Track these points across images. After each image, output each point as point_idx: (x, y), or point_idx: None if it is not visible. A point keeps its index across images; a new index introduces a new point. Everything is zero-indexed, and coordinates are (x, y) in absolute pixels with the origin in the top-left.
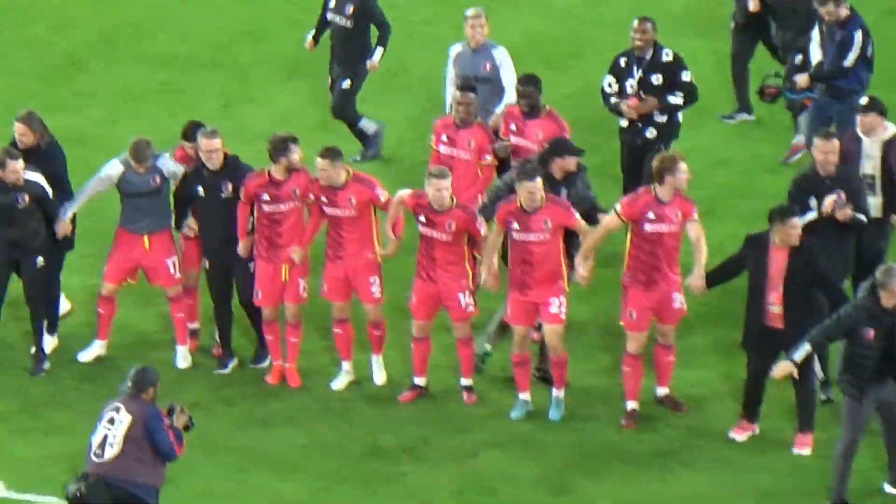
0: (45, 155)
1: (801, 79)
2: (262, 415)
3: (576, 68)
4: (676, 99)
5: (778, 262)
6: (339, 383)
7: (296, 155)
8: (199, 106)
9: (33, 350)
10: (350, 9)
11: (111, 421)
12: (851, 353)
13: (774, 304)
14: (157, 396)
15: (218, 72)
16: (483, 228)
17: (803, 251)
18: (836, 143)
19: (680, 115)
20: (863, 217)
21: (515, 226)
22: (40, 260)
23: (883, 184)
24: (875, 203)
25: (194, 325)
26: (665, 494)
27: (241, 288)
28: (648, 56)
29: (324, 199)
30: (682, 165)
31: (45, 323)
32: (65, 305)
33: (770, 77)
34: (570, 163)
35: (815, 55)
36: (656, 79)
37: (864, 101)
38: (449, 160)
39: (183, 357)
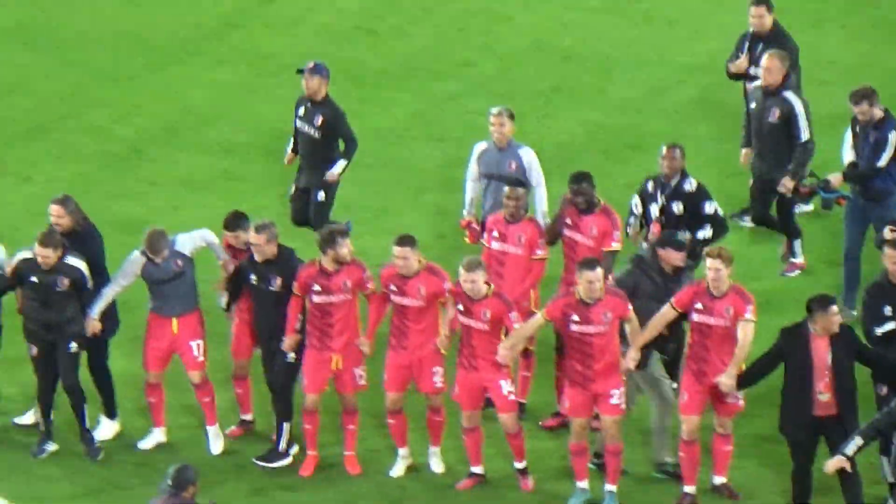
0: (81, 238)
1: (835, 178)
2: (321, 501)
3: (634, 159)
4: (705, 232)
5: (821, 351)
6: (398, 470)
7: (345, 249)
8: (260, 194)
9: (81, 434)
10: (319, 120)
11: None
12: None
13: (824, 393)
14: (197, 492)
15: (278, 161)
16: (518, 321)
17: (843, 335)
18: None
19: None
20: None
21: (575, 318)
22: (74, 346)
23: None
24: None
25: (248, 416)
26: None
27: (278, 374)
28: (673, 183)
29: (393, 287)
30: (711, 262)
31: (104, 409)
32: None
33: (808, 176)
34: (673, 256)
35: (848, 156)
36: (677, 207)
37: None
38: (501, 255)
39: (214, 438)
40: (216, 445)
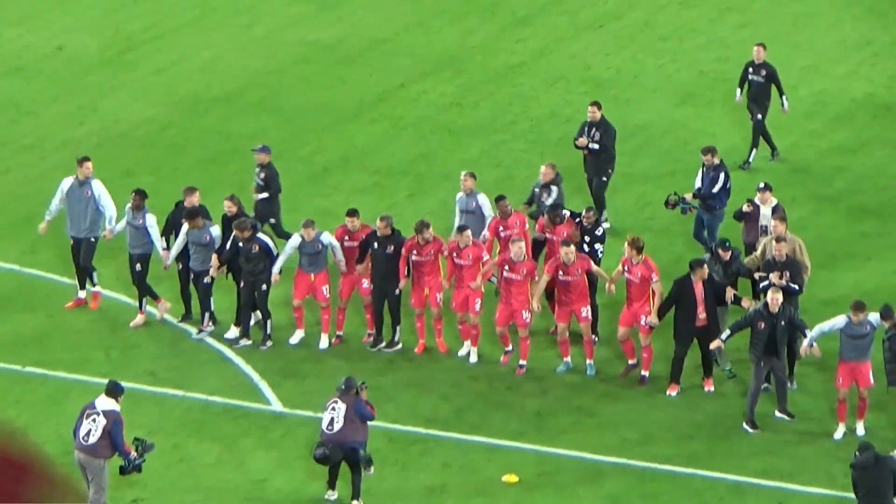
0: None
1: (689, 196)
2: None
3: None
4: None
5: (698, 290)
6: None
7: (428, 233)
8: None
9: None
10: (262, 176)
11: (333, 408)
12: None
13: (700, 314)
14: (362, 391)
15: None
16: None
17: (709, 280)
18: None
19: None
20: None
21: (560, 273)
22: (264, 286)
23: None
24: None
25: (341, 333)
26: None
27: (391, 301)
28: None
29: (455, 253)
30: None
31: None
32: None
33: (671, 195)
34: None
35: (697, 184)
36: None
37: (762, 184)
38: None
39: (325, 340)
40: (324, 343)
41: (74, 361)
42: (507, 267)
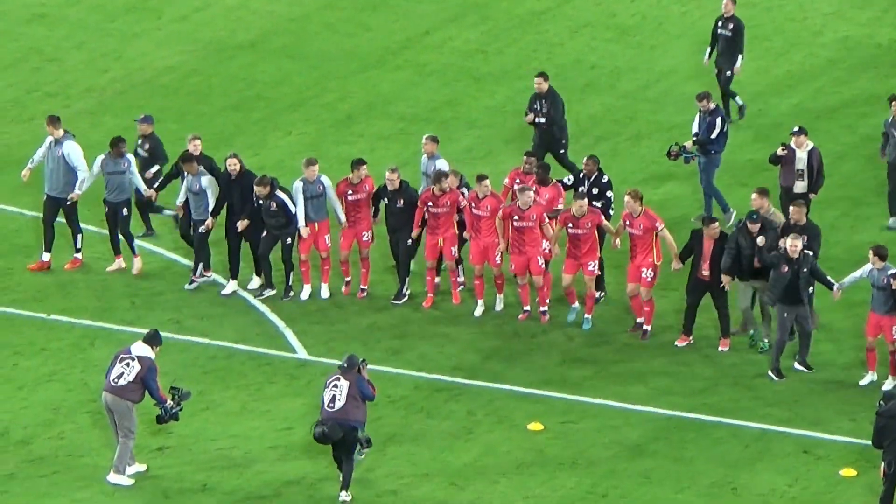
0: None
1: (688, 145)
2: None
3: None
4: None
5: (707, 246)
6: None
7: (446, 183)
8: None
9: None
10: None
11: (335, 386)
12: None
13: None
14: (364, 368)
15: None
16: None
17: (720, 237)
18: None
19: None
20: None
21: (570, 225)
22: (289, 239)
23: (808, 174)
24: (802, 185)
25: (348, 278)
26: None
27: (403, 249)
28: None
29: (473, 204)
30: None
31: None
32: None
33: (672, 145)
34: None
35: (694, 129)
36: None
37: (796, 128)
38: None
39: (325, 291)
40: (325, 293)
41: (99, 309)
42: (516, 217)
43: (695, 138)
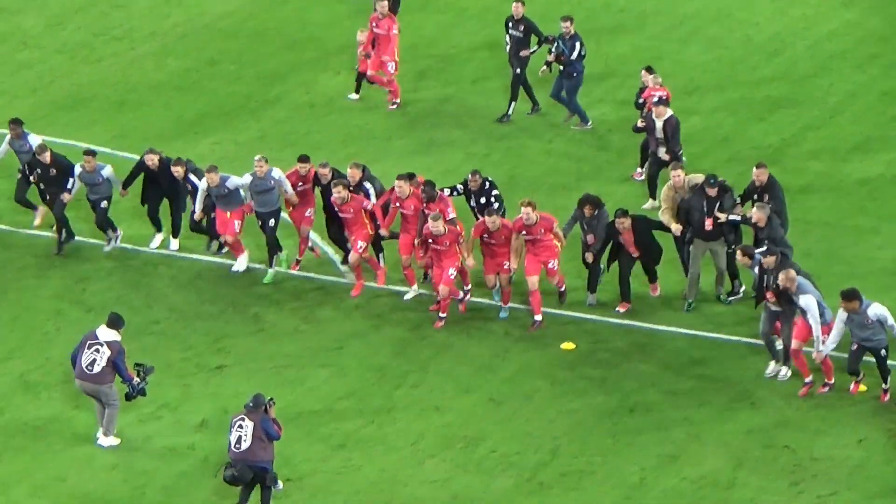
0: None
1: (551, 58)
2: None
3: None
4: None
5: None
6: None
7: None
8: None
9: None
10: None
11: (240, 427)
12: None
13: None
14: (271, 408)
15: None
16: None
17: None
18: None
19: None
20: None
21: (485, 236)
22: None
23: (665, 142)
24: (663, 151)
25: (300, 258)
26: None
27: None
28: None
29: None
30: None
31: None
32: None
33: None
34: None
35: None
36: None
37: (656, 98)
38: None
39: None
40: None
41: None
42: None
43: (559, 55)
